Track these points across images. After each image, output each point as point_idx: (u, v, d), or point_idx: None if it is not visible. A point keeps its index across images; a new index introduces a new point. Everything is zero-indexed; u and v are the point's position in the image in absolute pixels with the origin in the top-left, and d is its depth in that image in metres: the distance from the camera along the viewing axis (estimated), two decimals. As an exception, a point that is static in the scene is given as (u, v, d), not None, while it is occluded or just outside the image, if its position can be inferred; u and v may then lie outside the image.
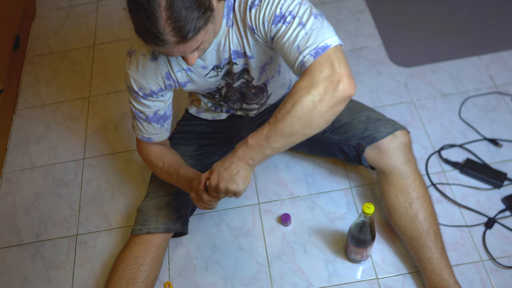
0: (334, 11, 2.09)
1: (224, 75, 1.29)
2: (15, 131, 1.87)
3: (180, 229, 1.42)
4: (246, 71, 1.27)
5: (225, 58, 1.21)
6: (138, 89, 1.24)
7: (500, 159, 1.62)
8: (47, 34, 2.17)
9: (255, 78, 1.29)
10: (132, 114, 1.33)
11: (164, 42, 0.96)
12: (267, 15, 1.07)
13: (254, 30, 1.12)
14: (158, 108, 1.30)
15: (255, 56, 1.20)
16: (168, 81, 1.25)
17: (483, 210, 1.52)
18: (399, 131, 1.36)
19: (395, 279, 1.42)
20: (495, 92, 1.78)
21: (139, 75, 1.22)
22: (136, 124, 1.34)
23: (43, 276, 1.52)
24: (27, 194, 1.70)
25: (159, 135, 1.37)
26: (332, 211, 1.56)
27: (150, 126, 1.33)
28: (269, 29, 1.08)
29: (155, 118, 1.31)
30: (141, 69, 1.21)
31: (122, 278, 1.32)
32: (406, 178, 1.35)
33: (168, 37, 0.95)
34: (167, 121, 1.36)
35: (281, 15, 1.05)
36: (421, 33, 1.98)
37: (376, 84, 1.85)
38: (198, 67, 1.23)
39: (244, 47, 1.18)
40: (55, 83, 1.99)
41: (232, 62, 1.22)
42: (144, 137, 1.36)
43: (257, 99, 1.40)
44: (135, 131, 1.37)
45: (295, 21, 1.04)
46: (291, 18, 1.04)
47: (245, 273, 1.47)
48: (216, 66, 1.24)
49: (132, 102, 1.29)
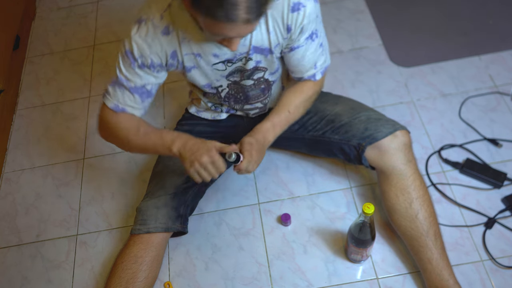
0: (334, 11, 2.09)
1: (232, 73, 1.29)
2: (15, 131, 1.87)
3: (180, 228, 1.41)
4: (258, 69, 1.29)
5: (242, 52, 1.22)
6: (138, 56, 1.20)
7: (500, 159, 1.62)
8: (47, 34, 2.17)
9: (268, 70, 1.33)
10: (115, 79, 1.26)
11: (235, 17, 0.96)
12: (305, 27, 1.21)
13: (289, 31, 1.21)
14: (148, 82, 1.25)
15: (275, 52, 1.26)
16: (172, 60, 1.23)
17: (483, 210, 1.52)
18: (399, 131, 1.37)
19: (395, 279, 1.42)
20: (495, 92, 1.78)
21: (145, 43, 1.18)
22: (114, 91, 1.26)
23: (43, 276, 1.52)
24: (27, 194, 1.70)
25: (134, 109, 1.29)
26: (332, 211, 1.56)
27: (130, 96, 1.26)
28: (298, 39, 1.23)
29: (140, 90, 1.26)
30: (149, 38, 1.18)
31: (122, 278, 1.32)
32: (406, 178, 1.35)
33: (241, 13, 0.95)
34: (148, 99, 1.30)
35: (313, 33, 1.24)
36: (421, 33, 1.98)
37: (376, 84, 1.85)
38: (210, 54, 1.22)
39: (270, 43, 1.22)
40: (55, 83, 1.99)
41: (248, 58, 1.24)
42: (118, 106, 1.27)
43: (262, 97, 1.41)
44: (107, 98, 1.28)
45: (317, 40, 1.27)
46: (315, 37, 1.26)
47: (245, 273, 1.47)
48: (228, 60, 1.24)
49: (121, 68, 1.23)
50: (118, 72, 1.24)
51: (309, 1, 1.18)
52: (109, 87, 1.27)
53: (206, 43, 1.19)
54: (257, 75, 1.32)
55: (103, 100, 1.30)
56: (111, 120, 1.29)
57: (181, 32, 1.18)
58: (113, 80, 1.26)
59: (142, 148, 1.31)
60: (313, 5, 1.19)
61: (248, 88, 1.36)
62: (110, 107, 1.28)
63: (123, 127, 1.29)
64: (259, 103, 1.43)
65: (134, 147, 1.31)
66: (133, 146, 1.31)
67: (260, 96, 1.40)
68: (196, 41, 1.19)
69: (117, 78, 1.25)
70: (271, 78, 1.36)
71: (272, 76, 1.36)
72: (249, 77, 1.31)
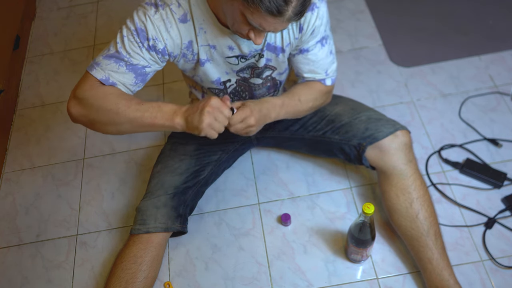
0: (334, 11, 2.09)
1: (243, 69, 1.29)
2: (15, 131, 1.87)
3: (179, 228, 1.41)
4: (268, 67, 1.30)
5: (256, 49, 1.23)
6: (152, 37, 1.14)
7: (500, 159, 1.62)
8: (47, 34, 2.17)
9: (277, 70, 1.34)
10: (113, 53, 1.15)
11: (284, 12, 0.98)
12: (317, 29, 1.23)
13: (301, 31, 1.22)
14: (149, 65, 1.18)
15: (286, 51, 1.27)
16: (186, 51, 1.21)
17: (483, 210, 1.52)
18: (400, 131, 1.37)
19: (395, 279, 1.42)
20: (495, 92, 1.78)
21: (163, 26, 1.14)
22: (108, 63, 1.15)
23: (43, 276, 1.52)
24: (27, 194, 1.70)
25: (125, 86, 1.18)
26: (332, 211, 1.56)
27: (125, 72, 1.16)
28: (307, 41, 1.25)
29: (138, 70, 1.17)
30: (168, 23, 1.15)
31: (121, 278, 1.32)
32: (407, 178, 1.35)
33: (290, 10, 0.98)
34: (140, 85, 1.20)
35: (323, 38, 1.27)
36: (421, 33, 1.98)
37: (376, 84, 1.85)
38: (225, 46, 1.22)
39: (283, 42, 1.24)
40: (55, 83, 1.99)
41: (261, 54, 1.25)
42: (108, 79, 1.15)
43: (268, 97, 1.41)
44: (96, 69, 1.15)
45: (327, 47, 1.29)
46: (325, 42, 1.28)
47: (245, 273, 1.47)
48: (241, 56, 1.24)
49: (125, 43, 1.15)
50: (119, 47, 1.15)
51: (322, 4, 1.21)
52: (102, 58, 1.16)
53: (222, 35, 1.19)
54: (265, 73, 1.33)
55: (88, 71, 1.16)
56: (98, 90, 1.14)
57: (198, 23, 1.17)
58: (109, 53, 1.16)
59: (134, 122, 1.13)
60: (325, 8, 1.23)
61: (255, 87, 1.36)
62: (99, 78, 1.15)
63: (113, 98, 1.13)
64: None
65: (124, 122, 1.13)
66: (123, 121, 1.13)
67: (265, 96, 1.40)
68: (212, 32, 1.19)
69: (117, 51, 1.15)
70: (278, 78, 1.37)
71: (280, 76, 1.37)
72: (259, 75, 1.32)
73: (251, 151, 1.71)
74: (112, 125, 1.15)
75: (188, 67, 1.29)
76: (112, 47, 1.17)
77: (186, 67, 1.29)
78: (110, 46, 1.18)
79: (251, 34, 1.08)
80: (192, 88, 1.47)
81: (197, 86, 1.43)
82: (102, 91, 1.14)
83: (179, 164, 1.45)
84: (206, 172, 1.48)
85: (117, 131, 1.17)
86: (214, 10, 1.15)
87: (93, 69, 1.16)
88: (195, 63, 1.26)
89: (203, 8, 1.15)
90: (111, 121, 1.14)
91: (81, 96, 1.14)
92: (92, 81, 1.15)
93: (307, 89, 1.34)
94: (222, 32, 1.18)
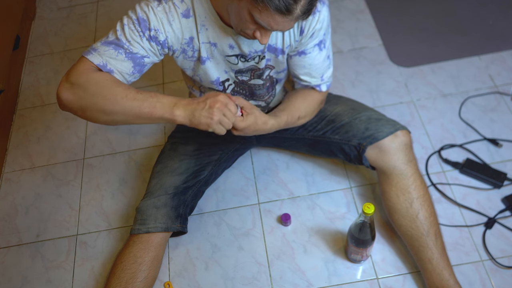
0: (334, 11, 2.09)
1: (241, 72, 1.29)
2: (15, 131, 1.87)
3: (179, 228, 1.41)
4: (267, 67, 1.30)
5: (257, 50, 1.23)
6: (154, 27, 1.12)
7: (500, 159, 1.62)
8: (47, 34, 2.17)
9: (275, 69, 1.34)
10: (112, 38, 1.13)
11: (292, 11, 0.98)
12: (316, 32, 1.23)
13: (302, 33, 1.23)
14: (148, 56, 1.16)
15: (285, 53, 1.28)
16: (187, 47, 1.21)
17: (483, 210, 1.52)
18: (400, 131, 1.37)
19: (395, 279, 1.42)
20: (495, 92, 1.78)
21: (166, 19, 1.14)
22: (106, 49, 1.12)
23: (43, 276, 1.52)
24: (27, 194, 1.70)
25: (121, 75, 1.14)
26: (332, 211, 1.56)
27: (124, 60, 1.12)
28: (306, 43, 1.25)
29: (137, 60, 1.15)
30: (170, 16, 1.14)
31: (121, 278, 1.32)
32: (407, 178, 1.36)
33: (298, 10, 0.99)
34: (136, 75, 1.17)
35: (321, 42, 1.27)
36: (421, 33, 1.98)
37: (376, 84, 1.85)
38: (226, 44, 1.22)
39: (283, 43, 1.24)
40: (55, 83, 1.99)
41: (262, 56, 1.25)
42: (105, 65, 1.11)
43: (267, 96, 1.41)
44: (93, 54, 1.11)
45: (325, 51, 1.30)
46: (323, 47, 1.29)
47: (245, 273, 1.47)
48: (241, 55, 1.24)
49: (125, 30, 1.12)
50: (119, 34, 1.12)
51: (324, 7, 1.21)
52: (100, 44, 1.13)
53: (223, 33, 1.19)
54: (266, 73, 1.33)
55: (84, 56, 1.12)
56: (94, 75, 1.08)
57: (200, 19, 1.17)
58: (108, 40, 1.13)
59: (131, 112, 1.08)
60: (327, 13, 1.23)
61: (256, 87, 1.36)
62: (95, 63, 1.10)
63: (109, 84, 1.08)
64: (263, 102, 1.43)
65: (119, 111, 1.08)
66: (119, 110, 1.08)
67: (265, 95, 1.41)
68: (214, 30, 1.19)
69: (116, 37, 1.12)
70: (275, 76, 1.37)
71: (278, 74, 1.37)
72: (260, 76, 1.32)
73: (251, 151, 1.71)
74: (106, 113, 1.09)
75: (187, 65, 1.29)
76: (111, 35, 1.14)
77: (185, 65, 1.29)
78: (109, 34, 1.15)
79: (257, 33, 1.08)
80: (191, 88, 1.47)
81: (195, 86, 1.43)
82: (98, 76, 1.08)
83: (179, 164, 1.45)
84: (206, 172, 1.48)
85: (110, 120, 1.10)
86: (217, 9, 1.15)
87: (89, 54, 1.11)
88: (196, 60, 1.26)
89: (205, 6, 1.15)
90: (105, 109, 1.08)
91: (75, 80, 1.08)
92: (88, 65, 1.10)
93: (307, 103, 1.37)
94: (223, 30, 1.18)
